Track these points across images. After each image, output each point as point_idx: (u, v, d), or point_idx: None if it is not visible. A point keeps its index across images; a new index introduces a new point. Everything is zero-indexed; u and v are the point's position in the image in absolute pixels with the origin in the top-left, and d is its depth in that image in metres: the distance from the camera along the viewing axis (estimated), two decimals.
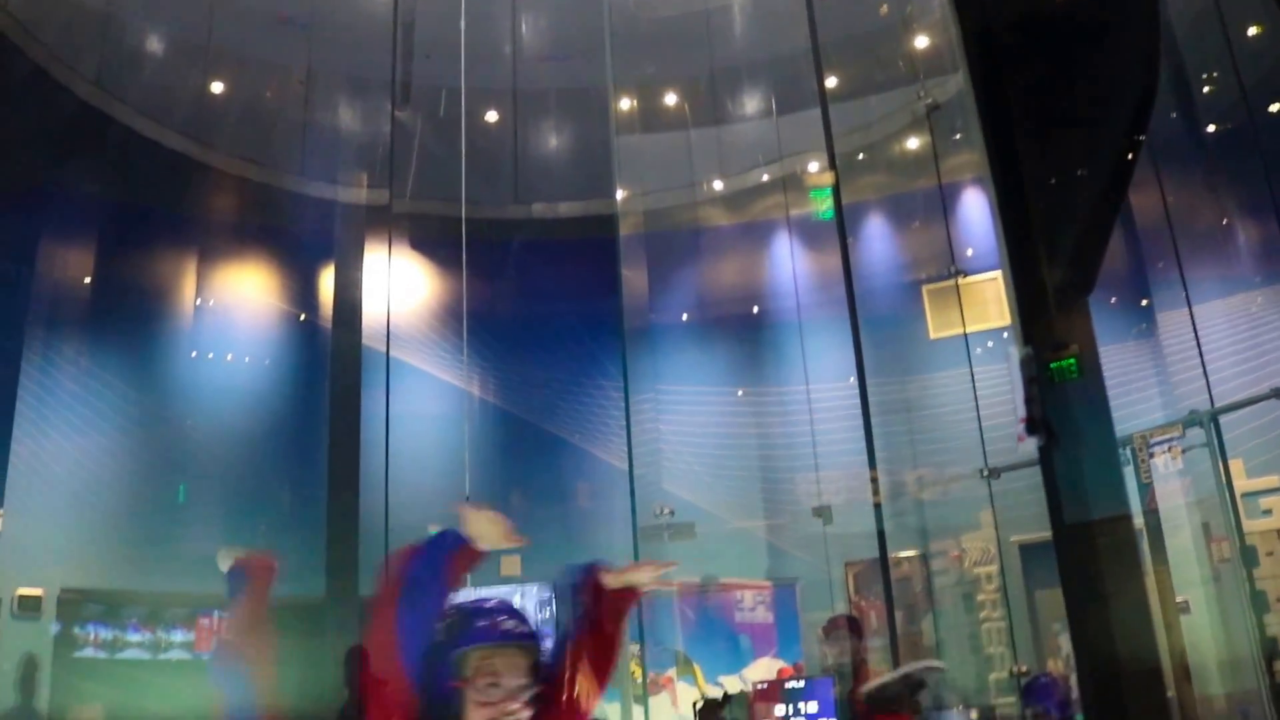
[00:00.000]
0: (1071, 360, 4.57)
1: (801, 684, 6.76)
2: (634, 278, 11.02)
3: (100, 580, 9.39)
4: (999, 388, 9.42)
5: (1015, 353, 4.43)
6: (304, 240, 11.16)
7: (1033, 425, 4.36)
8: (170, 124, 10.41)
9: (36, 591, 8.96)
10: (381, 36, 9.84)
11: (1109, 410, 4.90)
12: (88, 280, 10.07)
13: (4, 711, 8.23)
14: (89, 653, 9.17)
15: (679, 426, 11.08)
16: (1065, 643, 7.38)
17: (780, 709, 6.70)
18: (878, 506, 7.44)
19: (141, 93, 10.26)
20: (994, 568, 9.57)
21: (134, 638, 9.48)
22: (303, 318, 10.98)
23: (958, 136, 10.29)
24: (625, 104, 11.22)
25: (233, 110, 10.92)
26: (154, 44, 10.57)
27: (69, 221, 9.89)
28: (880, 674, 6.69)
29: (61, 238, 9.91)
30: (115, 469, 9.83)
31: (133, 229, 10.19)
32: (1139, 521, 7.44)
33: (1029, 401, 4.34)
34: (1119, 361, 9.68)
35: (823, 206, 10.08)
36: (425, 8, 10.16)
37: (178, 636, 9.55)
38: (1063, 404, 4.51)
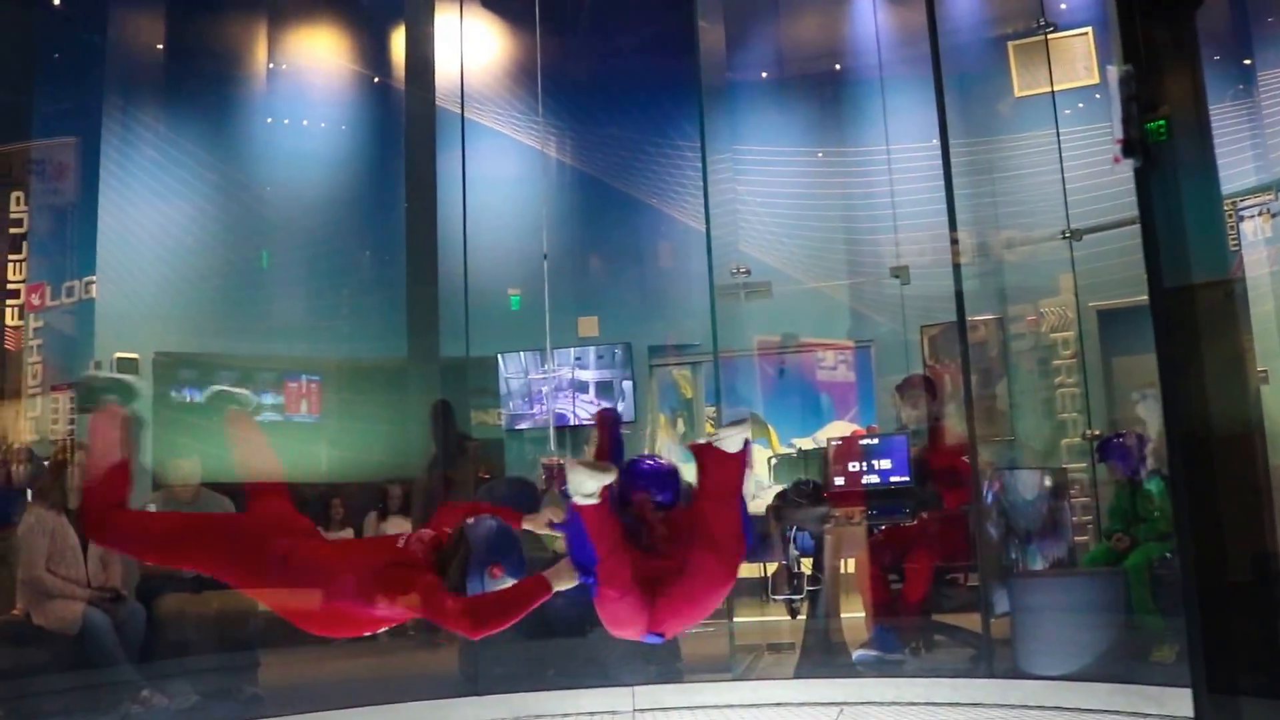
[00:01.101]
0: (1162, 122, 4.40)
1: (876, 441, 6.90)
2: (711, 33, 10.67)
3: (191, 345, 9.72)
4: (1085, 149, 9.14)
5: (1113, 70, 4.22)
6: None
7: (1129, 147, 4.19)
8: None
9: (133, 355, 9.31)
10: None
11: (1216, 170, 4.75)
12: (160, 46, 10.01)
13: None
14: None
15: (756, 187, 10.93)
16: (1143, 410, 7.36)
17: (855, 465, 6.87)
18: (956, 268, 7.34)
19: None
20: (1071, 333, 9.47)
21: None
22: (376, 80, 10.87)
23: None
24: None
25: None
26: None
27: None
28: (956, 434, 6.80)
29: (131, 3, 9.82)
30: (199, 235, 10.03)
31: None
32: None
33: (1126, 121, 4.16)
34: (1215, 123, 9.29)
35: None
36: None
37: (268, 399, 9.92)
38: (1166, 162, 4.35)
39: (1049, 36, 9.67)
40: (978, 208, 9.69)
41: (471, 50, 10.30)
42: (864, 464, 6.80)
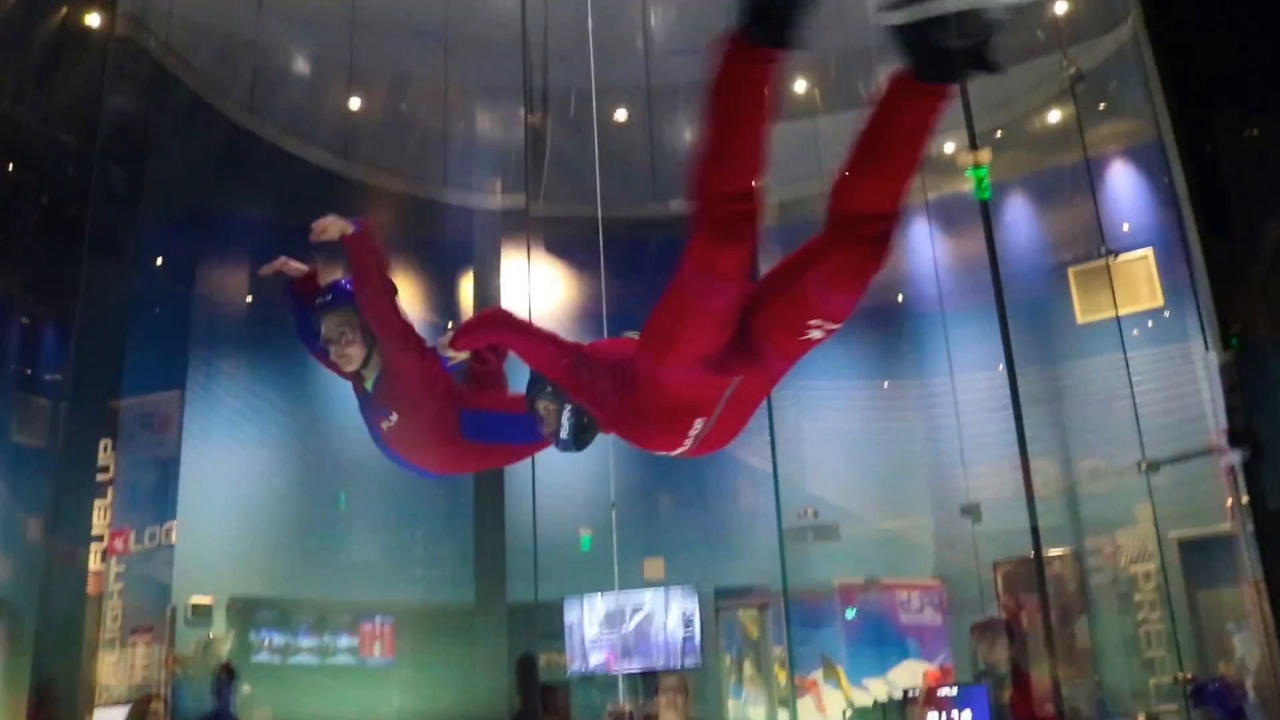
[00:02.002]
0: (1234, 340, 4.32)
1: (955, 691, 6.65)
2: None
3: (269, 588, 9.78)
4: (1153, 374, 9.09)
5: (1213, 359, 4.16)
6: (444, 248, 11.39)
7: (1235, 436, 4.08)
8: (315, 140, 10.75)
9: (207, 600, 9.38)
10: (514, 43, 9.94)
11: None
12: (243, 298, 10.46)
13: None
14: (263, 657, 9.56)
15: (822, 423, 10.94)
16: (1239, 644, 7.06)
17: (934, 716, 6.61)
18: (1030, 501, 7.20)
19: (288, 112, 10.60)
20: (1152, 566, 9.20)
21: (305, 643, 9.86)
22: (449, 325, 11.20)
23: (1103, 107, 9.92)
24: None
25: (373, 123, 11.19)
26: (299, 65, 10.87)
27: (224, 242, 10.28)
28: (1038, 679, 6.54)
29: (217, 258, 10.32)
30: (276, 481, 10.21)
31: (283, 246, 10.49)
32: None
33: (1230, 411, 4.06)
34: None
35: (974, 184, 9.84)
36: (555, 11, 10.23)
37: (343, 642, 9.88)
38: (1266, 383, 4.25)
39: (1110, 261, 9.70)
40: (1048, 438, 9.61)
41: (538, 295, 10.62)
42: (943, 715, 6.54)
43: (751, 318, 2.79)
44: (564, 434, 3.45)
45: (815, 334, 2.93)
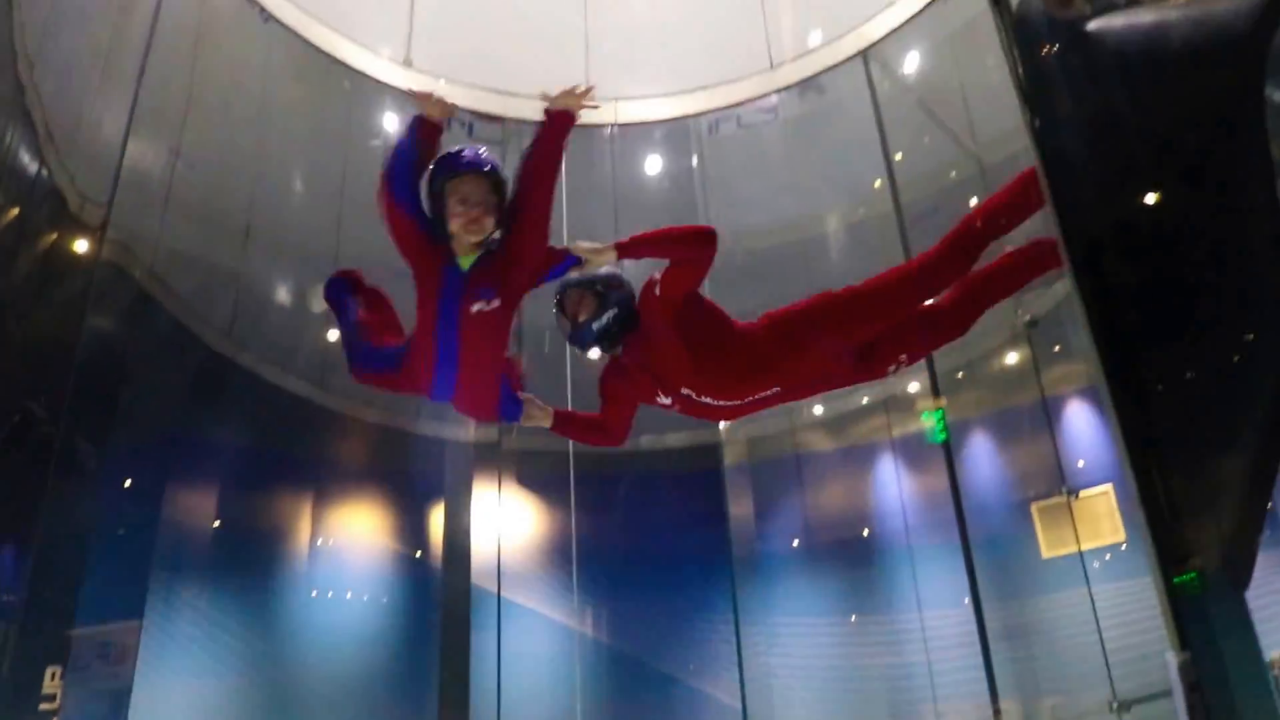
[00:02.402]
0: (1192, 575, 4.40)
1: None
2: (741, 505, 11.05)
3: None
4: (1119, 609, 9.10)
5: (1172, 659, 4.22)
6: (415, 479, 11.44)
7: None
8: (293, 369, 10.91)
9: None
10: None
11: (1252, 628, 4.69)
12: (210, 524, 10.40)
13: None
14: None
15: (791, 659, 10.83)
16: None
17: None
18: None
19: (267, 341, 10.80)
20: None
21: None
22: (417, 554, 11.15)
23: (1057, 349, 10.28)
24: None
25: None
26: (280, 296, 11.16)
27: (194, 466, 10.29)
28: None
29: (186, 483, 10.30)
30: (230, 712, 9.90)
31: (254, 472, 10.55)
32: None
33: (1191, 710, 4.11)
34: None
35: (931, 425, 10.08)
36: None
37: None
38: (1203, 622, 4.31)
39: (1070, 500, 9.85)
40: (1017, 674, 9.51)
41: (508, 528, 10.65)
42: None
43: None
44: (596, 325, 3.85)
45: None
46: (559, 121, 3.83)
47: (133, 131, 8.75)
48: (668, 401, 4.02)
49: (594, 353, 3.87)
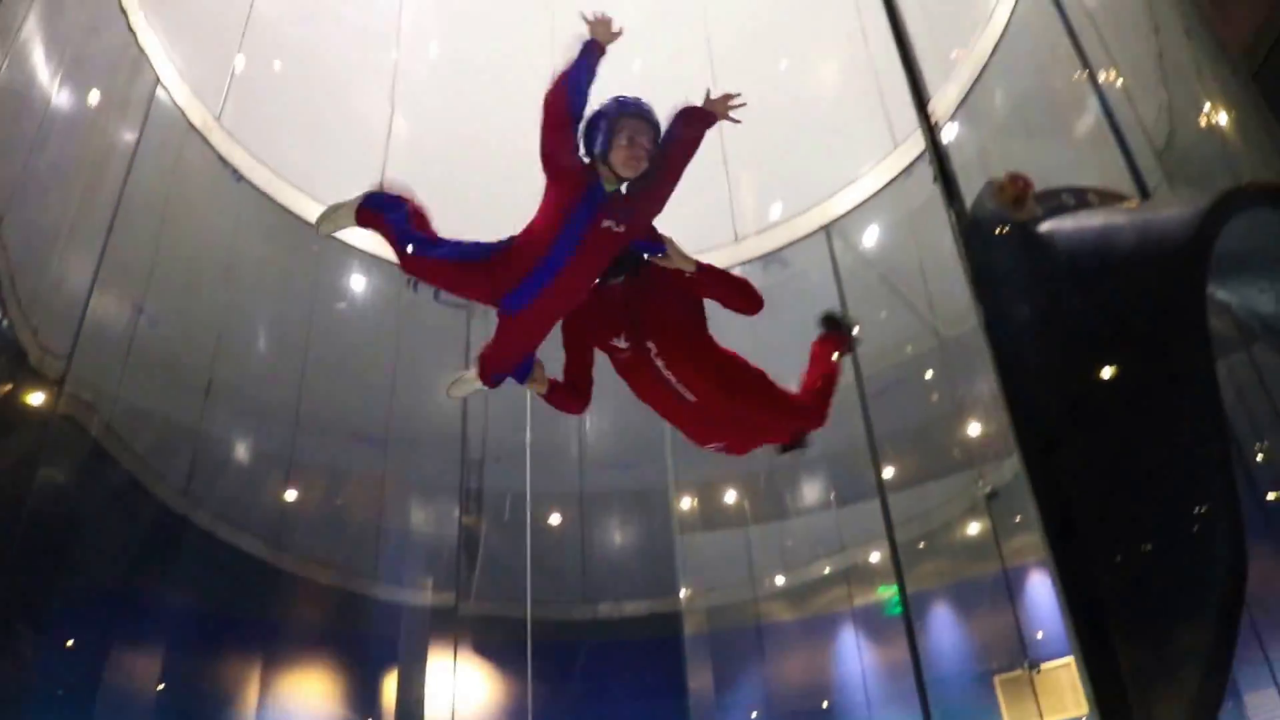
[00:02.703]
0: None
1: None
2: (700, 676, 10.88)
3: None
4: None
5: None
6: (370, 643, 11.21)
7: None
8: (248, 529, 10.75)
9: None
10: (453, 446, 10.30)
11: None
12: (154, 686, 10.09)
13: None
14: None
15: None
16: None
17: None
18: None
19: (223, 499, 10.66)
20: None
21: None
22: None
23: (1018, 519, 10.31)
24: (686, 503, 11.48)
25: (308, 516, 11.29)
26: (238, 454, 11.07)
27: (141, 626, 10.04)
28: None
29: (132, 642, 10.04)
30: None
31: (202, 633, 10.30)
32: None
33: None
34: None
35: (888, 597, 10.04)
36: (494, 417, 10.68)
37: None
38: None
39: (1032, 673, 9.76)
40: None
41: (463, 696, 10.41)
42: None
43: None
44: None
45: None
46: (705, 119, 4.30)
47: (98, 286, 8.80)
48: (624, 346, 4.40)
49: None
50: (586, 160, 4.19)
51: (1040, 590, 10.50)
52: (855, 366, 10.23)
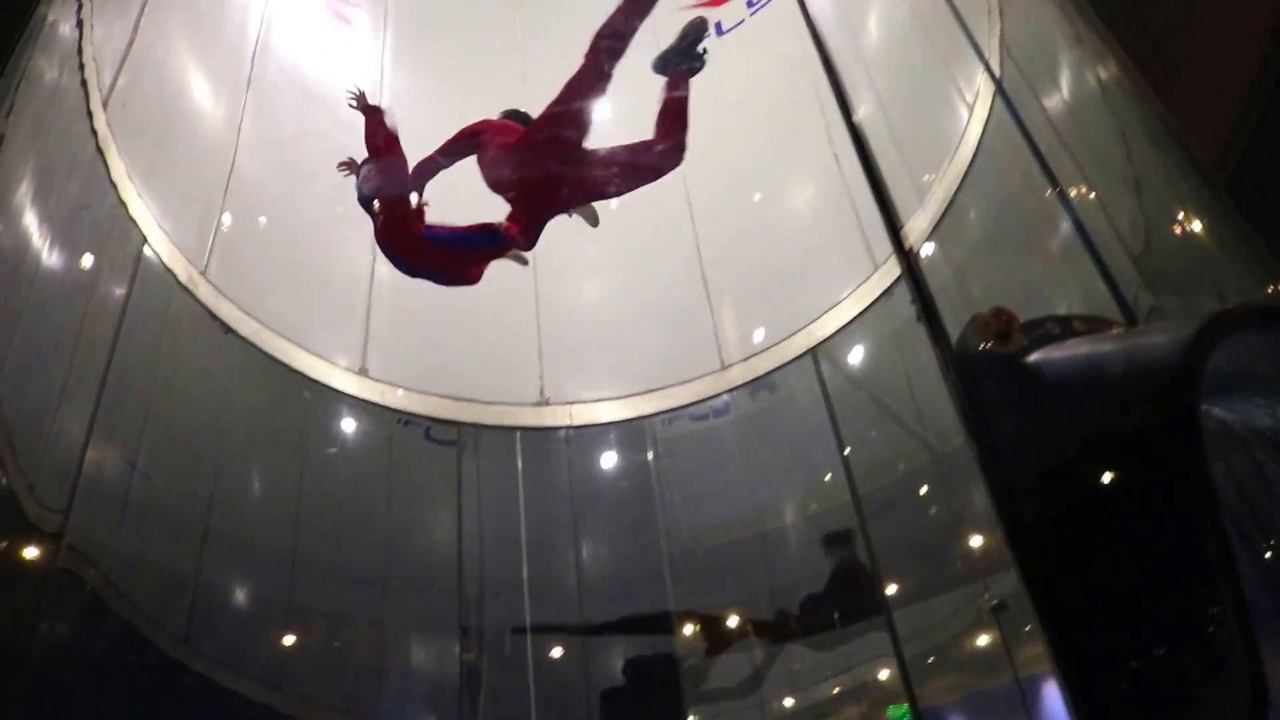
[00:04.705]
0: None
1: None
2: None
3: None
4: None
5: None
6: None
7: None
8: (248, 673, 10.62)
9: None
10: (450, 583, 10.25)
11: None
12: None
13: None
14: None
15: None
16: None
17: None
18: None
19: (222, 645, 10.56)
20: None
21: None
22: None
23: (1028, 629, 10.22)
24: (688, 629, 11.38)
25: (308, 659, 11.17)
26: (236, 600, 10.99)
27: None
28: None
29: None
30: None
31: None
32: None
33: None
34: None
35: (899, 716, 9.91)
36: (490, 552, 10.66)
37: None
38: None
39: None
40: None
41: None
42: None
43: None
44: None
45: None
46: None
47: (93, 441, 8.87)
48: None
49: None
50: None
51: (1055, 700, 10.37)
52: (851, 486, 10.29)
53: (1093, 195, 8.30)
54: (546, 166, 4.94)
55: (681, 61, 5.64)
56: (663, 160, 5.28)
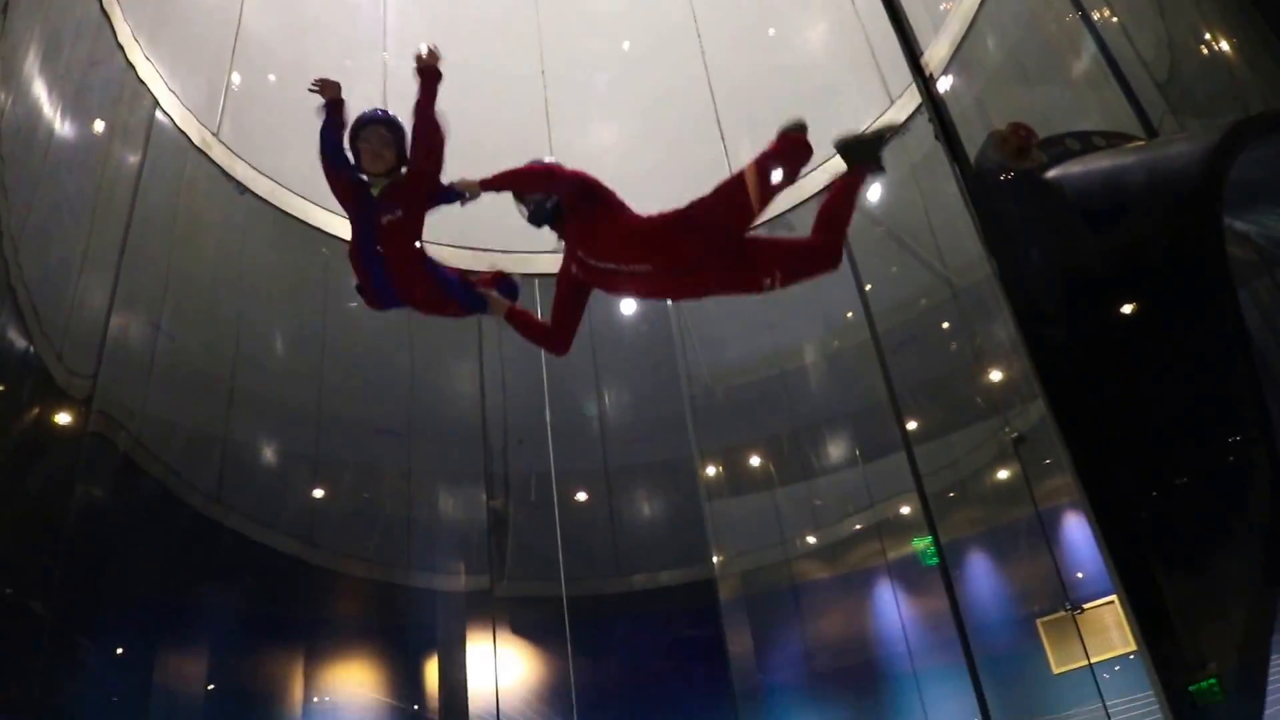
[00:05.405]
0: (1213, 681, 4.33)
1: None
2: (740, 641, 10.94)
3: None
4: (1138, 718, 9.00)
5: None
6: (409, 631, 11.30)
7: None
8: (280, 528, 10.86)
9: None
10: (474, 432, 10.35)
11: None
12: (203, 687, 10.23)
13: None
14: None
15: None
16: None
17: None
18: None
19: (253, 502, 10.77)
20: None
21: None
22: (415, 708, 10.97)
23: (1048, 462, 10.31)
24: (711, 471, 11.53)
25: (337, 511, 11.39)
26: (265, 457, 11.16)
27: (186, 630, 10.17)
28: None
29: (177, 649, 10.17)
30: None
31: (244, 634, 10.42)
32: None
33: None
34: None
35: (922, 548, 10.06)
36: (513, 401, 10.73)
37: None
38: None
39: (1075, 614, 9.78)
40: None
41: (505, 675, 10.51)
42: None
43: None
44: (531, 209, 4.86)
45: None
46: (423, 77, 4.91)
47: (116, 306, 8.90)
48: (575, 269, 4.88)
49: (548, 232, 5.05)
50: (361, 177, 4.91)
51: (1077, 531, 10.51)
52: (870, 323, 10.26)
53: (1115, 19, 8.07)
54: (709, 248, 4.61)
55: (870, 158, 5.07)
56: (822, 264, 4.96)
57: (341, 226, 10.74)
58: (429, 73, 4.90)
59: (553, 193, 4.90)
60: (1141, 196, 4.40)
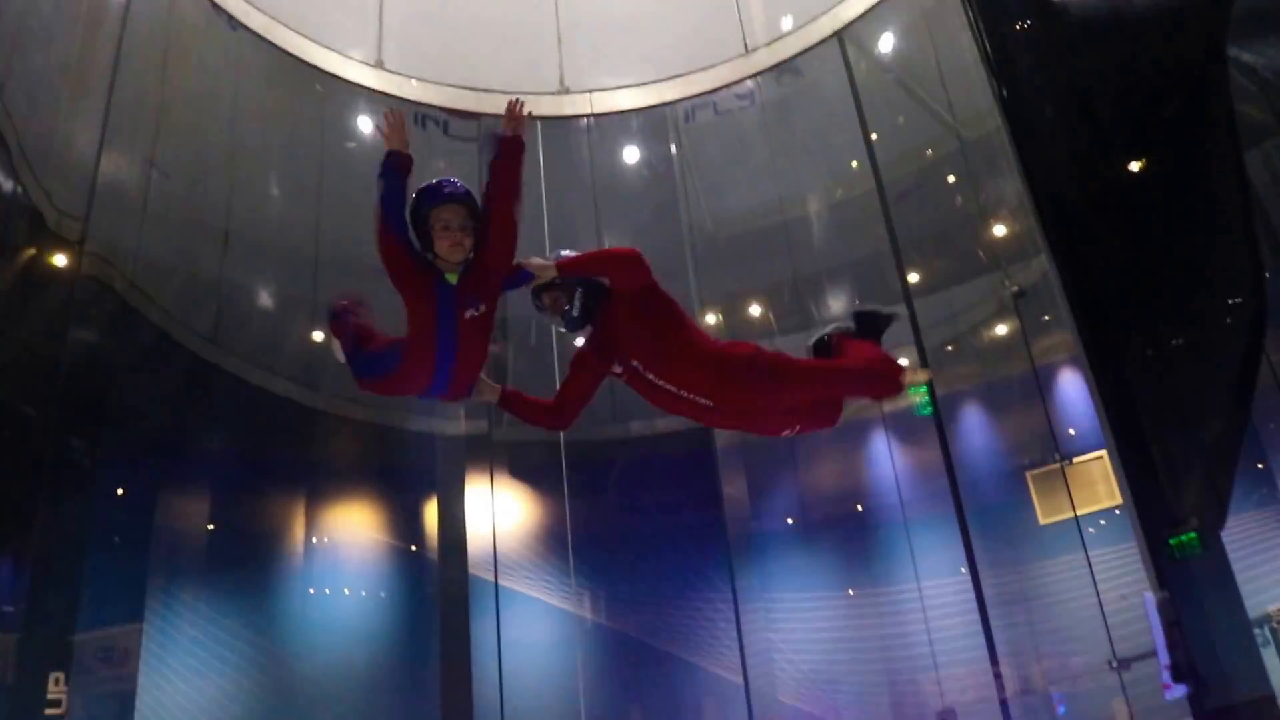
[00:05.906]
0: (1192, 535, 4.43)
1: None
2: (734, 487, 11.08)
3: None
4: (1118, 571, 9.16)
5: (1151, 597, 4.31)
6: (408, 474, 11.44)
7: (1178, 672, 4.24)
8: (278, 371, 10.88)
9: None
10: None
11: (1236, 586, 4.72)
12: (204, 527, 10.40)
13: None
14: None
15: (791, 634, 10.90)
16: None
17: None
18: (1004, 706, 7.17)
19: (251, 345, 10.77)
20: None
21: None
22: (413, 549, 11.16)
23: (1047, 318, 10.31)
24: (711, 318, 11.50)
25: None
26: (262, 300, 11.12)
27: (185, 472, 10.28)
28: None
29: (178, 488, 10.29)
30: (237, 710, 9.94)
31: (245, 475, 10.54)
32: None
33: (1173, 648, 4.21)
34: (1239, 533, 9.36)
35: (919, 400, 10.10)
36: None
37: None
38: (1189, 583, 4.35)
39: (1064, 465, 9.89)
40: (1018, 639, 9.59)
41: (503, 518, 10.66)
42: None
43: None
44: (575, 309, 4.30)
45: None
46: (509, 148, 4.22)
47: (106, 145, 8.73)
48: (619, 370, 4.39)
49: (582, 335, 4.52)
50: (430, 258, 4.18)
51: (1070, 387, 10.56)
52: (875, 173, 10.12)
53: None
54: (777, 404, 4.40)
55: (874, 335, 4.76)
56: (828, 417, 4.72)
57: (340, 64, 10.53)
58: (514, 143, 4.20)
59: (632, 288, 4.29)
60: (1147, 18, 4.27)
